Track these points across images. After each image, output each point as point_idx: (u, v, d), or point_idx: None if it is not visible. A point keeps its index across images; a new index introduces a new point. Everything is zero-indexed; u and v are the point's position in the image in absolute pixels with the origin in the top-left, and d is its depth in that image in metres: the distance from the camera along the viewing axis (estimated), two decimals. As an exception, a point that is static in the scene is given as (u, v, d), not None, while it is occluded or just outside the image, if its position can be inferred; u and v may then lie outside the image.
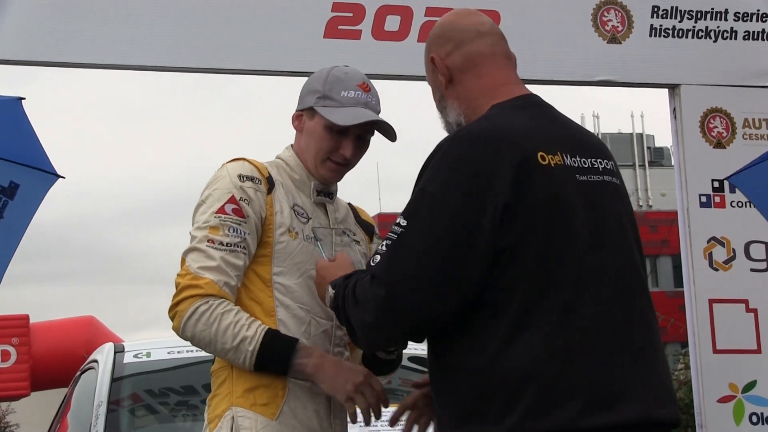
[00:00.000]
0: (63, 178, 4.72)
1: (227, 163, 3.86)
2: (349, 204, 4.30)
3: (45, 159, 4.76)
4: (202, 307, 3.61)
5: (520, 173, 3.06)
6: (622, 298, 3.21)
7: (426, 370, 3.45)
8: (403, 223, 3.15)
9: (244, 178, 3.77)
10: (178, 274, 3.65)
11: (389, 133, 4.05)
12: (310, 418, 3.66)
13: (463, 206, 3.08)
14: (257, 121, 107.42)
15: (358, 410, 3.61)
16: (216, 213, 3.70)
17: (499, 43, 3.57)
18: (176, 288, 3.63)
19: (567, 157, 3.20)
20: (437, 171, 3.17)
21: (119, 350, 5.49)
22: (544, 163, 3.11)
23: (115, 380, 5.20)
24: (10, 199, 4.59)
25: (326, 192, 4.01)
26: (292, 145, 4.03)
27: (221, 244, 3.66)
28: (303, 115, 3.98)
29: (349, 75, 4.05)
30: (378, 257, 3.18)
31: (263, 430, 3.61)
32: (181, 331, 3.63)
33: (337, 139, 3.90)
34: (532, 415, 3.05)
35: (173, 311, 3.64)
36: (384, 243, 3.20)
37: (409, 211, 3.17)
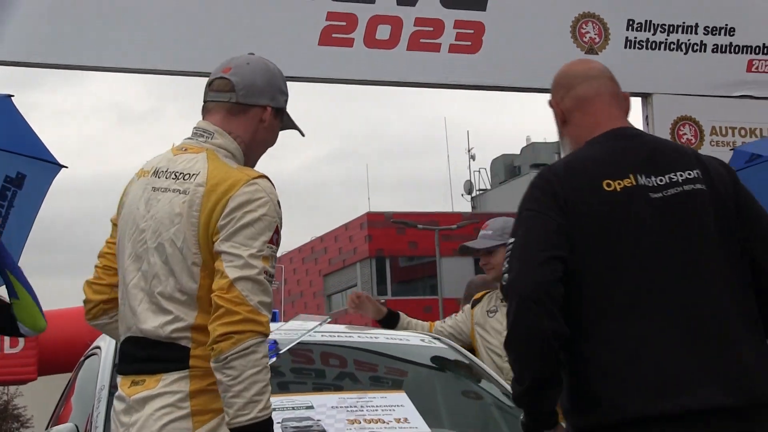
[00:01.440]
0: (66, 167, 4.70)
1: (261, 179, 3.53)
2: None
3: (46, 150, 4.75)
4: (259, 347, 3.42)
5: (578, 199, 3.37)
6: (691, 296, 3.34)
7: None
8: (510, 240, 3.49)
9: (280, 205, 3.56)
10: (228, 299, 3.37)
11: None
12: None
13: (536, 219, 3.43)
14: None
15: None
16: (268, 243, 3.45)
17: (606, 84, 3.69)
18: (227, 313, 3.36)
19: (642, 178, 3.43)
20: (525, 195, 3.53)
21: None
22: (608, 189, 3.39)
23: (116, 366, 5.18)
24: (19, 189, 4.59)
25: None
26: (229, 134, 3.67)
27: (271, 276, 3.47)
28: (271, 111, 3.74)
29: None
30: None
31: None
32: (225, 354, 3.35)
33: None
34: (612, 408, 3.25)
35: (229, 337, 3.34)
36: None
37: (513, 230, 3.52)
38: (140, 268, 3.54)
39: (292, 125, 3.89)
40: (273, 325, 4.52)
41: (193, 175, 3.54)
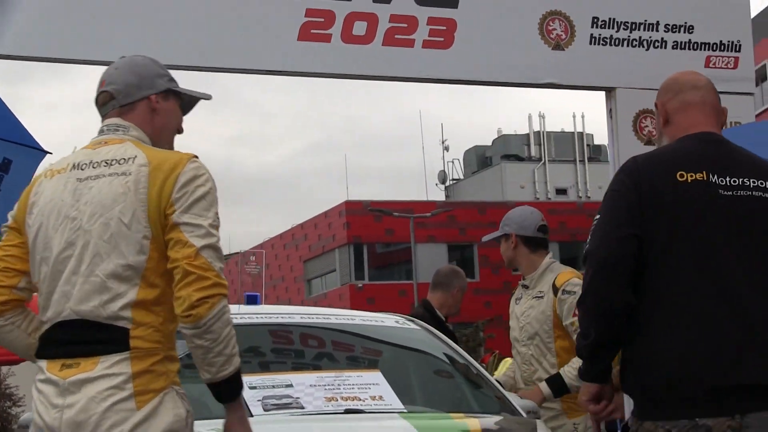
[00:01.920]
0: (50, 153, 4.63)
1: (196, 158, 3.62)
2: None
3: (31, 137, 4.70)
4: (227, 307, 3.46)
5: (653, 184, 3.67)
6: (733, 288, 3.61)
7: None
8: (596, 216, 3.81)
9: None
10: (197, 266, 3.41)
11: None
12: None
13: (619, 199, 3.73)
14: (235, 115, 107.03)
15: None
16: (216, 214, 3.55)
17: (708, 95, 4.00)
18: (199, 278, 3.40)
19: (713, 176, 3.71)
20: (613, 179, 3.81)
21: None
22: (681, 179, 3.68)
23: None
24: (6, 174, 4.54)
25: None
26: (133, 129, 3.69)
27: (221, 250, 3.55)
28: (156, 98, 3.74)
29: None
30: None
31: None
32: (204, 320, 3.38)
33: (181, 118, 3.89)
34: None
35: (205, 301, 3.38)
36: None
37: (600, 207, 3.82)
38: (74, 253, 3.52)
39: (194, 95, 3.88)
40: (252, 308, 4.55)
41: (130, 158, 3.56)
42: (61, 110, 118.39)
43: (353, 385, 4.85)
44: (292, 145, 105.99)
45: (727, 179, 3.71)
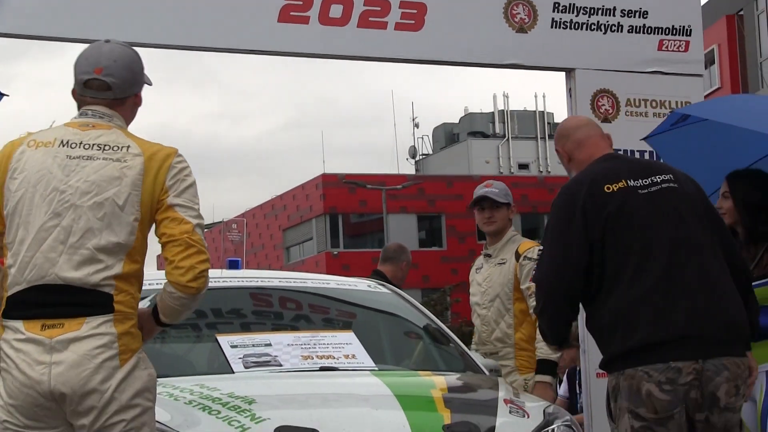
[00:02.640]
0: (7, 96, 4.37)
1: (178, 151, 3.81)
2: None
3: None
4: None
5: (590, 198, 4.34)
6: (677, 258, 4.25)
7: None
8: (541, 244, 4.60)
9: None
10: (196, 241, 3.62)
11: None
12: None
13: (565, 217, 4.37)
14: (217, 93, 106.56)
15: None
16: (199, 203, 3.77)
17: (592, 129, 4.75)
18: (199, 252, 3.62)
19: (630, 181, 4.41)
20: (557, 199, 4.48)
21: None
22: (608, 191, 4.37)
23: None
24: None
25: None
26: (117, 119, 3.81)
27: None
28: (140, 94, 3.92)
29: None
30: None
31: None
32: (202, 291, 3.65)
33: None
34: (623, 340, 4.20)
35: (203, 274, 3.63)
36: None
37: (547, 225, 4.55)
38: (60, 224, 3.59)
39: (148, 81, 3.98)
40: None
41: (124, 147, 3.69)
42: (56, 87, 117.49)
43: (328, 345, 4.86)
44: (269, 121, 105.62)
45: (640, 181, 4.43)
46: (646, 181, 4.44)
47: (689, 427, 4.16)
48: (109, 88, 3.77)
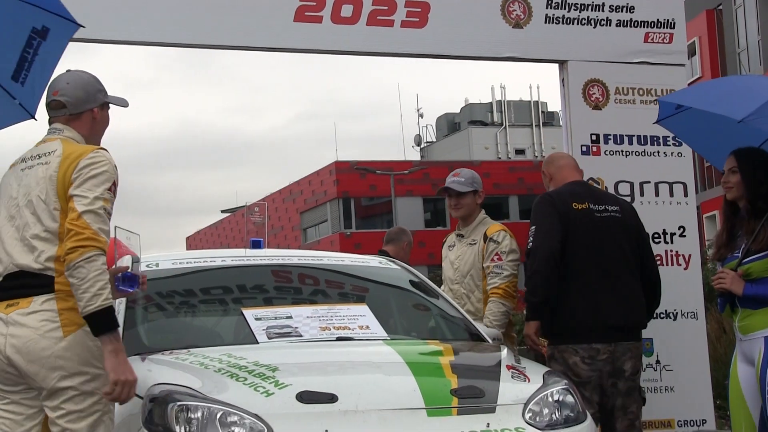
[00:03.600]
0: (83, 27, 4.42)
1: (102, 150, 3.95)
2: None
3: (65, 9, 4.46)
4: (99, 258, 3.73)
5: (563, 212, 5.51)
6: (609, 270, 5.52)
7: None
8: (531, 230, 5.56)
9: (117, 168, 3.97)
10: (77, 225, 3.75)
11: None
12: None
13: (547, 210, 5.54)
14: (232, 89, 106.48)
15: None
16: (107, 190, 3.85)
17: (570, 162, 5.97)
18: (76, 234, 3.73)
19: (592, 204, 5.62)
20: (539, 201, 5.61)
21: (135, 261, 5.43)
22: (575, 208, 5.57)
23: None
24: (43, 40, 4.32)
25: None
26: (67, 131, 4.05)
27: (109, 213, 3.86)
28: (96, 110, 4.12)
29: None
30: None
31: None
32: (73, 263, 3.71)
33: None
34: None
35: (75, 249, 3.71)
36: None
37: (533, 218, 5.60)
38: (14, 224, 3.93)
39: (117, 102, 4.25)
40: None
41: (52, 151, 3.96)
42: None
43: (343, 317, 4.86)
44: (284, 114, 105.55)
45: (597, 206, 5.62)
46: (600, 207, 5.63)
47: (601, 390, 5.44)
48: (64, 106, 4.09)
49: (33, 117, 4.49)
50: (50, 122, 4.14)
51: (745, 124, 4.76)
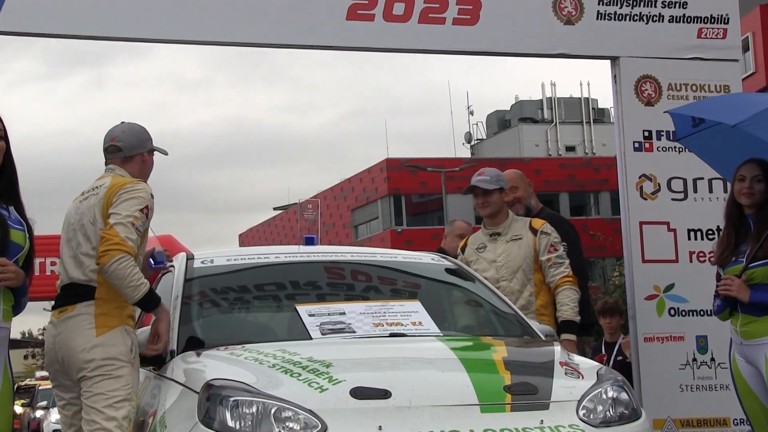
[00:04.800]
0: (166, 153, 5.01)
1: (141, 182, 4.73)
2: None
3: None
4: (124, 260, 4.49)
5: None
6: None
7: None
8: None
9: (153, 196, 4.71)
10: (107, 234, 4.51)
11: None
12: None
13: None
14: (284, 88, 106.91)
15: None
16: (139, 210, 4.60)
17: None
18: (106, 241, 4.49)
19: None
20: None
21: (190, 258, 5.48)
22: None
23: (187, 281, 5.19)
24: None
25: None
26: (118, 170, 4.82)
27: (138, 229, 4.59)
28: (145, 154, 4.92)
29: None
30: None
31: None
32: (105, 266, 4.49)
33: None
34: None
35: (105, 253, 4.48)
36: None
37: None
38: (70, 245, 4.72)
39: (160, 150, 5.03)
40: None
41: (103, 184, 4.74)
42: (141, 87, 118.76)
43: (396, 313, 4.84)
44: (333, 112, 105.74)
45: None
46: None
47: None
48: (120, 150, 4.88)
49: None
50: (107, 163, 4.88)
51: (738, 129, 4.98)
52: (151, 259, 5.07)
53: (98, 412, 4.42)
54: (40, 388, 28.67)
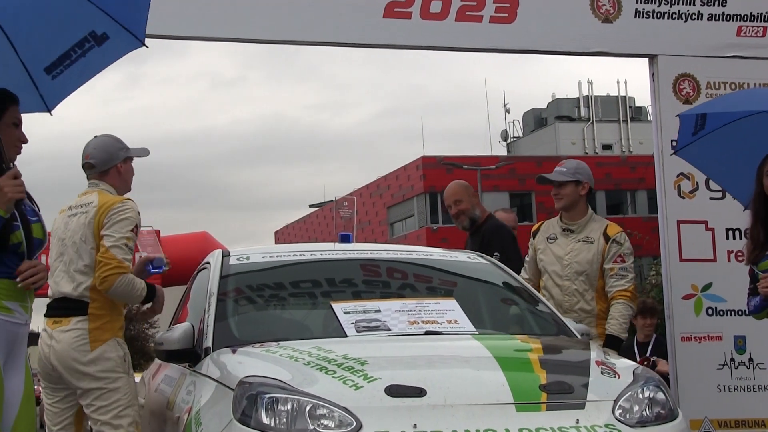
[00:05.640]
0: (147, 47, 4.31)
1: (127, 200, 5.09)
2: None
3: (142, 27, 4.17)
4: (124, 279, 4.95)
5: None
6: None
7: None
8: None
9: (139, 213, 5.08)
10: (104, 257, 4.93)
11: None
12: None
13: None
14: (317, 86, 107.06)
15: None
16: (130, 231, 5.00)
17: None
18: (104, 264, 4.91)
19: None
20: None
21: (226, 255, 5.49)
22: None
23: (223, 277, 5.19)
24: (97, 46, 4.16)
25: None
26: (102, 185, 5.20)
27: (130, 248, 5.01)
28: (119, 165, 5.23)
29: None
30: None
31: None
32: (110, 291, 4.94)
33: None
34: None
35: (105, 279, 4.90)
36: None
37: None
38: (63, 260, 5.08)
39: (138, 153, 5.33)
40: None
41: (90, 203, 5.10)
42: (174, 84, 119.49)
43: (432, 311, 4.82)
44: (367, 111, 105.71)
45: None
46: None
47: None
48: (93, 167, 5.24)
49: (49, 112, 4.50)
50: (88, 178, 5.26)
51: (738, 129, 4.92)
52: (150, 264, 5.35)
53: (105, 424, 4.94)
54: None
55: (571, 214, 6.30)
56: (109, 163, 5.21)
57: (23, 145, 4.22)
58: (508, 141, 57.42)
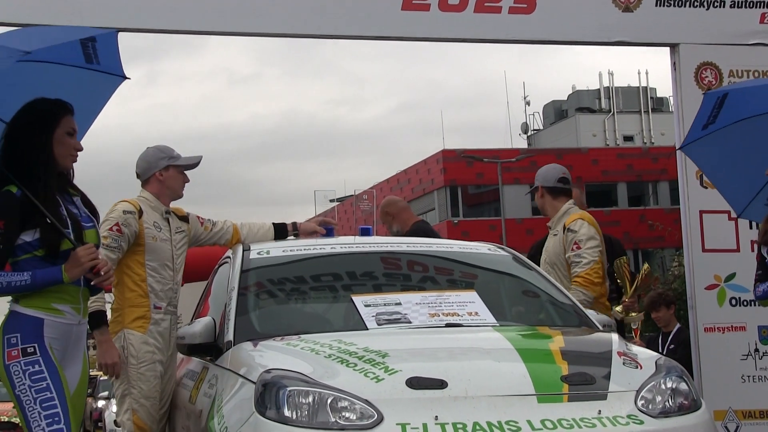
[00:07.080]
0: (129, 78, 4.57)
1: (121, 203, 5.41)
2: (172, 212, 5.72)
3: (118, 64, 4.47)
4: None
5: None
6: None
7: None
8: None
9: (126, 213, 5.35)
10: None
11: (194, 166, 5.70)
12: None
13: None
14: (335, 81, 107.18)
15: None
16: (108, 230, 5.24)
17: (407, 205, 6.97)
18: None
19: None
20: None
21: (247, 249, 5.50)
22: None
23: (243, 272, 5.20)
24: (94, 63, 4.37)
25: (168, 211, 5.62)
26: (142, 192, 5.57)
27: (108, 246, 5.20)
28: (159, 173, 5.55)
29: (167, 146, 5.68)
30: None
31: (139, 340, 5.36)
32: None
33: (184, 177, 5.68)
34: None
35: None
36: None
37: None
38: None
39: (186, 161, 5.61)
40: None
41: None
42: (192, 81, 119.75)
43: (452, 303, 4.82)
44: (385, 105, 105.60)
45: None
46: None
47: None
48: (138, 176, 5.62)
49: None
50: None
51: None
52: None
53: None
54: (101, 378, 29.09)
55: (549, 214, 6.60)
56: (148, 172, 5.58)
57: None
58: (529, 134, 57.23)
